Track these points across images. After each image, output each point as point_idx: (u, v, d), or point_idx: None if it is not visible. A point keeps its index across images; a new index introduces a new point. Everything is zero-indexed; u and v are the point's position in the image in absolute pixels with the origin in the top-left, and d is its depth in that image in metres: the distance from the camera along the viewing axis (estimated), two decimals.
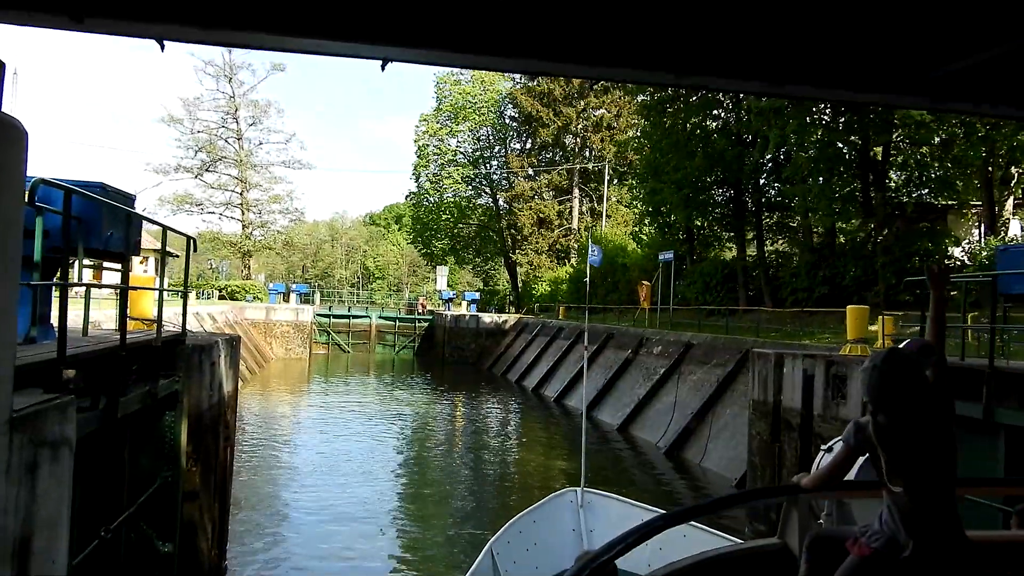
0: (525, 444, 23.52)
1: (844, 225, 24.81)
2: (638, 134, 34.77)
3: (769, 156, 27.33)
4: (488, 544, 6.39)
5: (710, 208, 29.96)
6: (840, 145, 21.49)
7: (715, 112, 29.30)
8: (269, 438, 21.84)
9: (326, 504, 14.30)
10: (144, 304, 10.42)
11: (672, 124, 29.95)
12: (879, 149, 22.30)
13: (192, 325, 30.43)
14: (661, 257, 31.03)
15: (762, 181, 29.07)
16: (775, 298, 27.26)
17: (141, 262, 28.80)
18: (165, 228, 9.10)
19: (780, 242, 30.62)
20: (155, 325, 8.15)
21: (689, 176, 27.08)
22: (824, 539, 3.26)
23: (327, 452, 20.06)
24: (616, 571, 2.68)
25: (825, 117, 20.62)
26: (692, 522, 5.27)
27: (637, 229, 52.82)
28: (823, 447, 4.12)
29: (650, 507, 6.61)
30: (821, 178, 22.80)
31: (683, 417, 21.31)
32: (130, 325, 9.76)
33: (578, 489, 7.05)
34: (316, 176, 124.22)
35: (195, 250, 9.90)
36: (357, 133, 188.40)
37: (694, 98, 28.68)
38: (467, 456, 21.34)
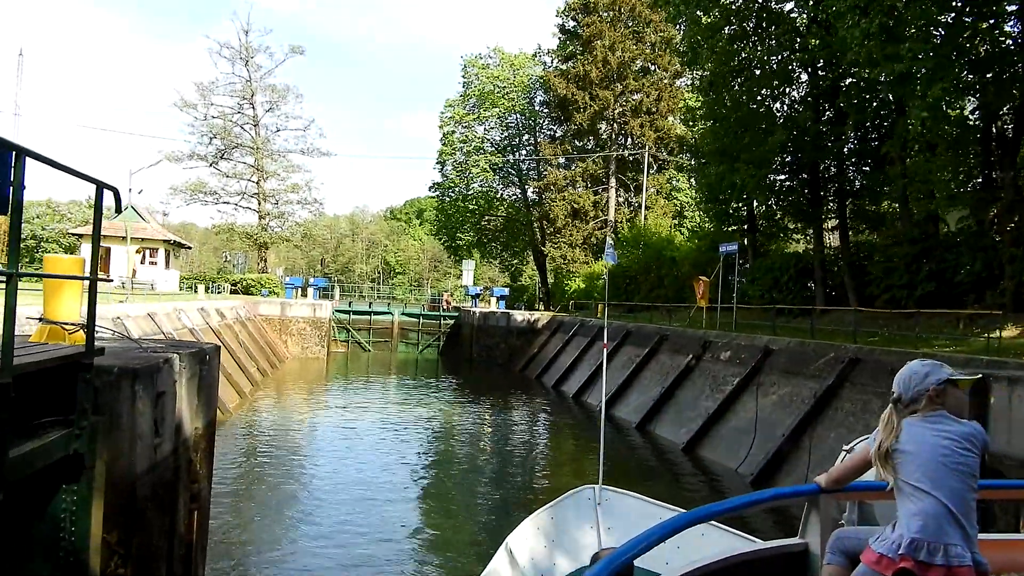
0: (572, 464, 19.99)
1: (952, 211, 21.03)
2: (695, 112, 30.75)
3: (854, 135, 23.67)
4: (505, 540, 6.18)
5: (782, 194, 26.20)
6: (969, 113, 17.78)
7: (795, 82, 25.54)
8: (279, 447, 18.52)
9: (339, 504, 14.13)
10: (68, 302, 6.98)
11: (739, 98, 26.29)
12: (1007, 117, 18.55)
13: (197, 322, 27.32)
14: (722, 249, 27.36)
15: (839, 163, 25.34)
16: (861, 296, 23.55)
17: (138, 251, 25.53)
18: (66, 170, 5.62)
19: (863, 232, 26.79)
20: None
21: (765, 156, 23.36)
22: (845, 540, 3.28)
23: (342, 459, 18.52)
24: (633, 570, 2.67)
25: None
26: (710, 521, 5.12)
27: (680, 220, 49.21)
28: (844, 447, 4.05)
29: (668, 505, 6.27)
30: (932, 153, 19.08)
31: (769, 439, 17.72)
32: (45, 336, 6.44)
33: (596, 486, 6.74)
34: (336, 169, 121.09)
35: (119, 211, 6.48)
36: (379, 129, 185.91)
37: (772, 66, 25.05)
38: (503, 475, 17.92)
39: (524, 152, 60.85)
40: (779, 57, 25.24)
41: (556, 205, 50.55)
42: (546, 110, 57.53)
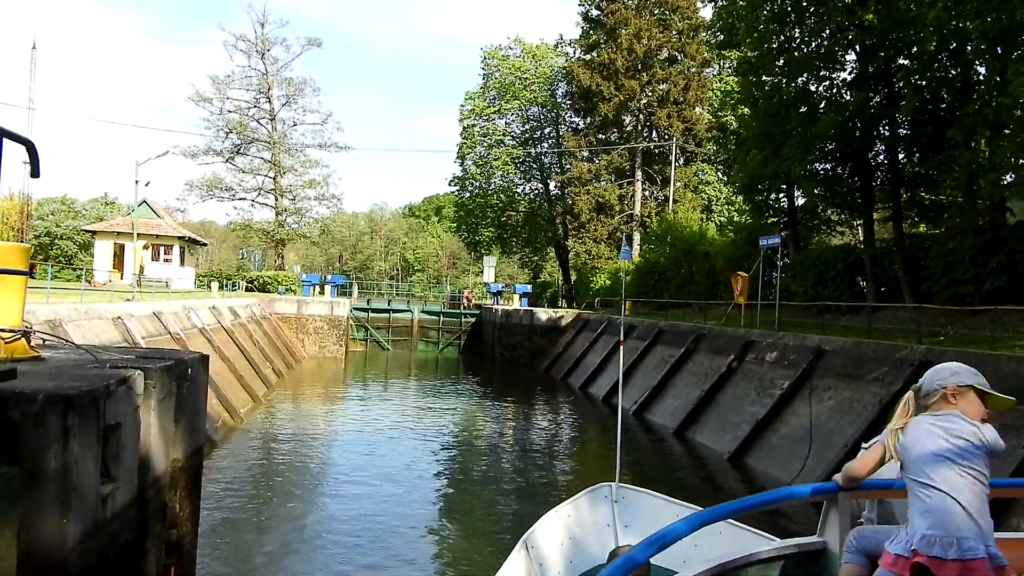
0: (604, 473, 18.39)
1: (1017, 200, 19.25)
2: (733, 95, 28.87)
3: (909, 119, 21.88)
4: (523, 538, 5.91)
5: (827, 183, 24.39)
6: None
7: (841, 63, 23.73)
8: (292, 454, 17.09)
9: (353, 502, 14.13)
10: (6, 301, 5.47)
11: (779, 82, 24.59)
12: None
13: (207, 321, 26.01)
14: (762, 243, 25.66)
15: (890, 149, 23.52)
16: (916, 292, 21.79)
17: (146, 247, 24.23)
18: None
19: (917, 223, 24.93)
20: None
21: (813, 141, 21.58)
22: (864, 539, 3.26)
23: (357, 463, 17.66)
24: (650, 568, 2.86)
25: None
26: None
27: (708, 215, 47.43)
28: (864, 445, 3.78)
29: (686, 503, 6.07)
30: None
31: (828, 449, 16.06)
32: None
33: (612, 484, 6.63)
34: (355, 167, 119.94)
35: (35, 173, 4.98)
36: (397, 129, 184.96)
37: (817, 46, 23.33)
38: (528, 481, 16.40)
39: (546, 145, 59.22)
40: (825, 35, 23.50)
41: (580, 199, 48.85)
42: (569, 102, 55.83)
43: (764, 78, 25.07)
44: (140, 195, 26.67)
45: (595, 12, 52.34)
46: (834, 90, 24.09)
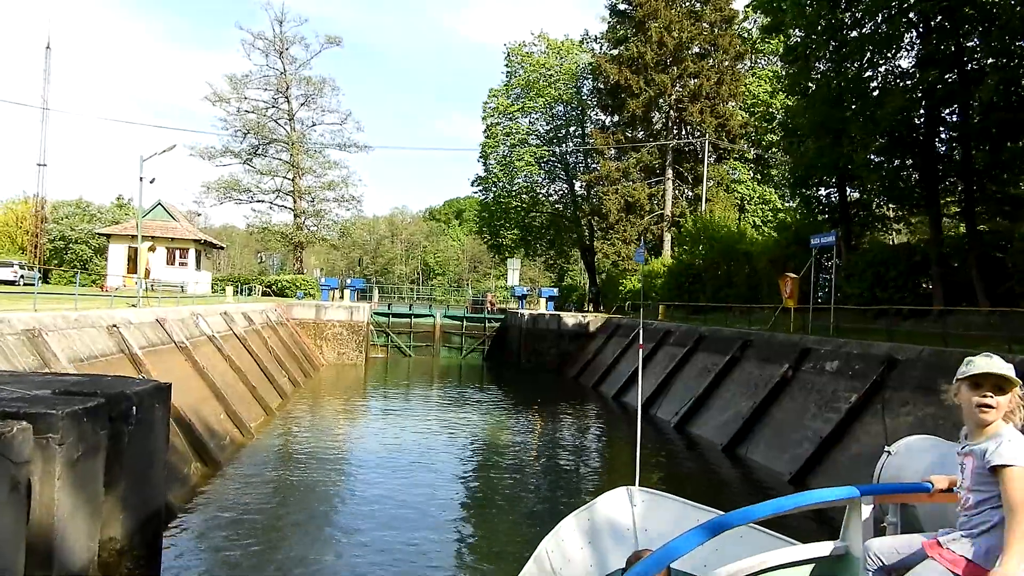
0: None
1: None
2: (781, 82, 26.73)
3: (981, 104, 19.77)
4: (542, 542, 5.81)
5: (885, 176, 22.29)
6: None
7: (901, 45, 21.66)
8: (307, 473, 15.34)
9: (377, 505, 14.04)
10: None
11: (832, 68, 22.61)
12: None
13: (218, 328, 24.36)
14: (814, 241, 23.66)
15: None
16: (992, 294, 19.71)
17: (151, 249, 22.65)
18: None
19: (990, 219, 22.76)
20: None
21: (877, 128, 19.53)
22: (888, 544, 3.23)
23: (376, 478, 16.45)
24: (670, 573, 2.83)
25: None
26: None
27: (741, 215, 45.37)
28: (887, 448, 3.94)
29: (706, 507, 5.71)
30: None
31: None
32: None
33: (631, 488, 6.35)
34: (375, 172, 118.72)
35: None
36: (417, 132, 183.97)
37: (875, 27, 21.31)
38: (556, 498, 14.55)
39: (571, 144, 57.36)
40: (884, 14, 21.46)
41: (608, 199, 46.86)
42: (595, 99, 53.93)
43: (816, 64, 23.04)
44: (145, 192, 25.17)
45: (623, 5, 50.44)
46: (892, 76, 22.05)
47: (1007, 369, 3.01)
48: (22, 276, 40.27)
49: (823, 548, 3.53)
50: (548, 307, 46.56)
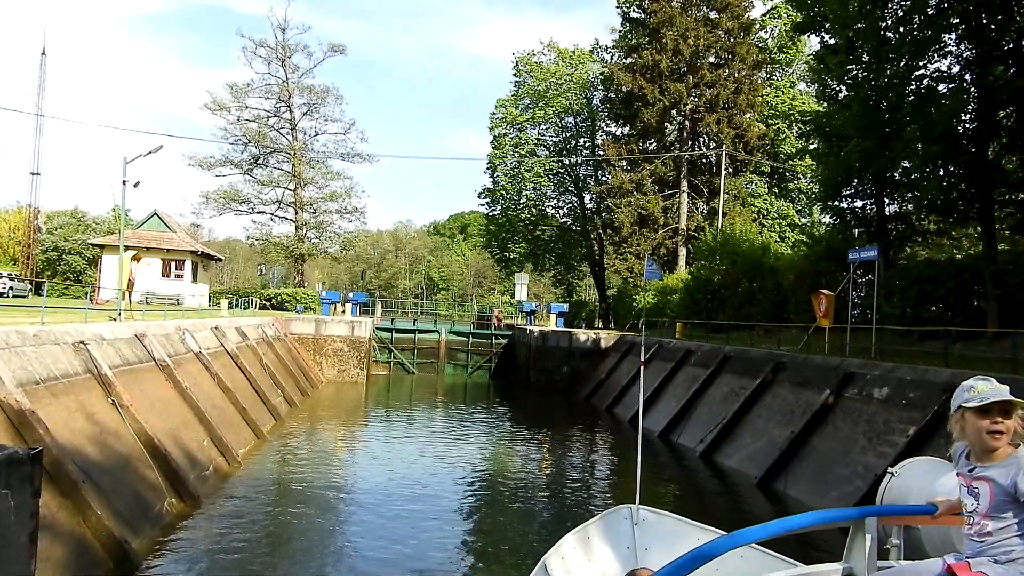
0: None
1: None
2: (823, 79, 24.86)
3: None
4: (542, 559, 5.70)
5: (942, 185, 20.44)
6: None
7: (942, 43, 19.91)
8: (293, 508, 13.48)
9: (372, 548, 12.75)
10: None
11: (873, 66, 20.89)
12: None
13: (207, 345, 22.50)
14: (853, 256, 21.84)
15: None
16: None
17: (135, 258, 20.93)
18: None
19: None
20: None
21: (931, 129, 17.72)
22: (894, 569, 3.28)
23: (371, 526, 13.73)
24: None
25: None
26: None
27: (760, 228, 43.59)
28: (890, 469, 3.95)
29: (707, 527, 5.72)
30: None
31: None
32: None
33: (632, 506, 6.34)
34: (380, 184, 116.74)
35: None
36: (422, 147, 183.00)
37: (919, 26, 19.59)
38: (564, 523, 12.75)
39: (581, 156, 55.68)
40: (927, 14, 19.74)
41: (621, 211, 45.04)
42: (607, 109, 52.31)
43: (858, 62, 21.32)
44: (138, 200, 23.49)
45: (636, 12, 48.90)
46: (943, 75, 20.29)
47: (1009, 394, 2.94)
48: (11, 288, 38.53)
49: (825, 570, 3.48)
50: (558, 323, 44.73)
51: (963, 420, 3.00)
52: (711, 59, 45.91)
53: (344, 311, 44.00)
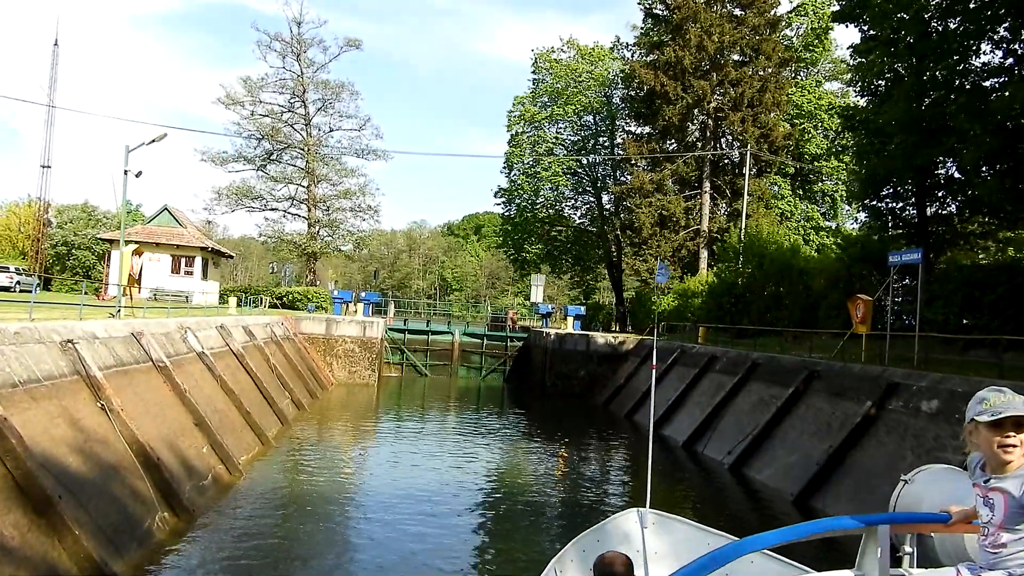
0: None
1: None
2: (864, 74, 23.51)
3: None
4: (551, 562, 5.70)
5: (995, 183, 19.11)
6: None
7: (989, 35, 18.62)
8: (296, 523, 12.40)
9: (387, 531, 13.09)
10: None
11: (918, 59, 19.63)
12: None
13: (211, 344, 21.40)
14: (893, 259, 20.55)
15: None
16: None
17: (136, 252, 19.94)
18: None
19: None
20: None
21: (984, 122, 16.46)
22: None
23: (379, 541, 13.10)
24: None
25: None
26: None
27: (789, 229, 42.25)
28: (903, 477, 3.92)
29: (717, 531, 5.70)
30: None
31: None
32: None
33: (642, 509, 6.28)
34: (394, 184, 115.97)
35: None
36: (438, 148, 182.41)
37: (965, 18, 18.31)
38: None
39: (599, 155, 54.46)
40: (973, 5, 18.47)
41: (642, 212, 43.79)
42: (627, 107, 51.09)
43: (905, 55, 20.04)
44: (129, 186, 22.51)
45: (660, 9, 47.65)
46: (987, 72, 18.99)
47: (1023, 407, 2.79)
48: (18, 282, 37.78)
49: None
50: (575, 326, 43.52)
51: (976, 432, 2.91)
52: (736, 56, 44.66)
53: (356, 311, 43.02)
